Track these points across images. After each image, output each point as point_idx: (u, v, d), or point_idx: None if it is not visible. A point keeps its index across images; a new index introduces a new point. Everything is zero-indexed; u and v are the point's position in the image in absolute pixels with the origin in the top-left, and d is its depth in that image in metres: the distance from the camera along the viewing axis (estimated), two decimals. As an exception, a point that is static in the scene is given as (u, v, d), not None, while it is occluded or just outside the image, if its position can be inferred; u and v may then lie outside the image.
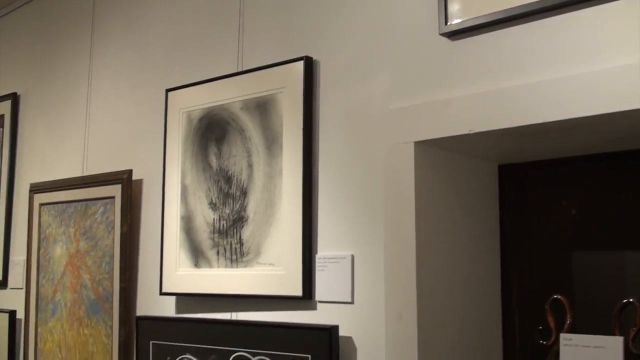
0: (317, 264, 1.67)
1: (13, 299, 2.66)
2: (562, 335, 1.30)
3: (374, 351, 1.54)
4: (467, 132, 1.41)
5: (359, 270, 1.60)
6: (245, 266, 1.80)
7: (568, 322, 1.34)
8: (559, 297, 1.36)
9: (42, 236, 2.51)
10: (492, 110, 1.38)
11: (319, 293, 1.66)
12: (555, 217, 1.62)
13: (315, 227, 1.69)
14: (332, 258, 1.64)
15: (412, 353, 1.44)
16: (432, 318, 1.49)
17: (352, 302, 1.60)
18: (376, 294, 1.55)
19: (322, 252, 1.67)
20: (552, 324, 1.36)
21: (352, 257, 1.61)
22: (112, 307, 2.17)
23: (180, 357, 1.90)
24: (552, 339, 1.35)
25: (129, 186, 2.16)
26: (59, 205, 2.45)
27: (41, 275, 2.49)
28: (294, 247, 1.70)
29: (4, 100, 2.85)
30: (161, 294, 2.00)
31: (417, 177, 1.49)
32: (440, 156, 1.56)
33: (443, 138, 1.47)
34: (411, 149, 1.50)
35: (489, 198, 1.71)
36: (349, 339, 1.58)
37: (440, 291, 1.52)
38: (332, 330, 1.57)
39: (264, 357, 1.70)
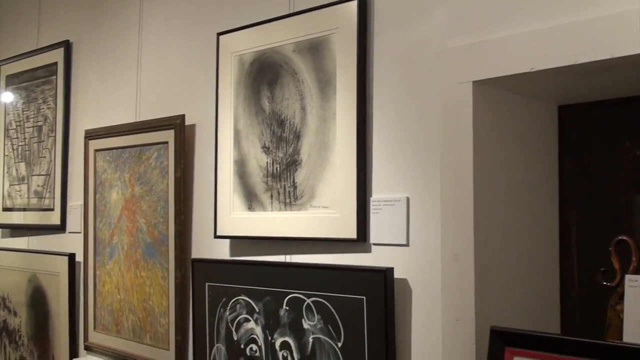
0: (371, 207, 1.66)
1: (72, 242, 2.74)
2: (627, 277, 1.27)
3: (430, 293, 1.54)
4: (528, 70, 1.37)
5: (414, 212, 1.59)
6: (299, 209, 1.81)
7: (633, 263, 1.31)
8: (625, 238, 1.33)
9: (98, 181, 2.56)
10: (555, 47, 1.33)
11: (374, 236, 1.66)
12: (617, 158, 1.57)
13: (370, 169, 1.68)
14: (387, 201, 1.63)
15: (468, 295, 1.44)
16: (489, 260, 1.47)
17: (407, 245, 1.59)
18: (432, 236, 1.54)
19: (377, 194, 1.66)
20: (616, 265, 1.33)
21: (408, 199, 1.60)
22: (167, 250, 2.21)
23: (235, 299, 1.94)
24: (617, 280, 1.33)
25: (181, 131, 2.18)
26: (114, 151, 2.49)
27: (98, 220, 2.56)
28: (348, 190, 1.69)
29: (56, 48, 2.88)
30: (215, 237, 2.03)
31: (475, 118, 1.47)
32: (499, 96, 1.52)
33: (503, 77, 1.43)
34: (469, 88, 1.47)
35: (548, 139, 1.66)
36: (404, 281, 1.59)
37: (497, 233, 1.50)
38: (387, 272, 1.57)
39: (318, 299, 1.71)
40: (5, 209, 3.14)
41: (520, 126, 1.59)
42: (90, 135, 2.60)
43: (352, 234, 1.68)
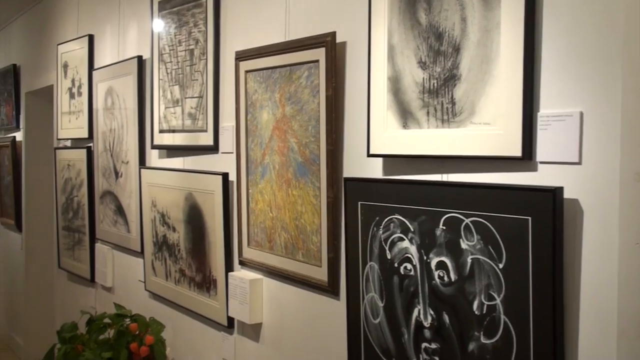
0: (539, 123, 1.55)
1: (224, 162, 2.83)
2: None
3: (604, 215, 1.43)
4: None
5: (588, 128, 1.46)
6: (457, 126, 1.73)
7: None
8: None
9: (249, 102, 2.60)
10: None
11: (541, 153, 1.56)
12: None
13: (538, 83, 1.57)
14: (556, 116, 1.52)
15: (652, 216, 1.32)
16: (676, 180, 1.34)
17: (579, 163, 1.48)
18: (608, 154, 1.42)
19: (545, 109, 1.55)
20: None
21: (581, 113, 1.47)
22: (319, 169, 2.22)
23: (388, 217, 1.92)
24: None
25: (332, 49, 2.14)
26: (264, 71, 2.50)
27: (250, 140, 2.61)
28: (512, 105, 1.59)
29: (206, -29, 2.91)
30: (369, 155, 2.00)
31: (666, 21, 1.31)
32: (695, -5, 1.35)
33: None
34: (661, -13, 1.31)
35: None
36: (574, 202, 1.49)
37: (687, 150, 1.36)
38: (557, 191, 1.47)
39: (478, 219, 1.65)
40: (162, 131, 3.30)
41: None
42: (241, 56, 2.63)
43: (516, 151, 1.59)
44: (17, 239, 6.19)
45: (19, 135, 6.08)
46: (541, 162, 1.56)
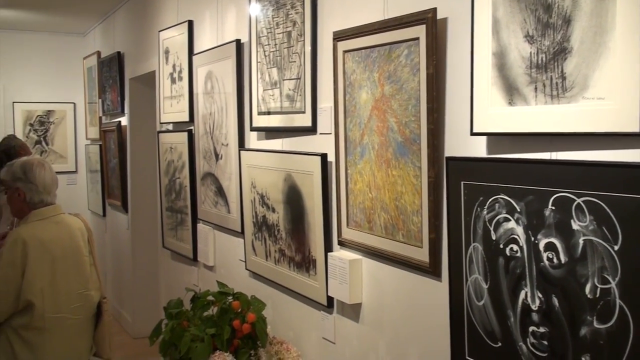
0: (659, 96, 1.47)
1: (323, 143, 2.84)
2: None
3: None
4: None
5: None
6: (568, 102, 1.66)
7: None
8: None
9: (347, 82, 2.59)
10: None
11: (661, 129, 1.47)
12: None
13: (658, 53, 1.47)
14: (679, 88, 1.42)
15: None
16: None
17: None
18: None
19: (667, 82, 1.46)
20: None
21: None
22: (419, 149, 2.19)
23: (493, 197, 1.87)
24: None
25: (433, 26, 2.09)
26: (363, 51, 2.48)
27: (348, 120, 2.60)
28: (630, 78, 1.50)
29: (302, -48, 2.91)
30: (472, 134, 1.95)
31: None
32: None
33: None
34: None
35: None
36: (699, 180, 1.39)
37: None
38: (680, 169, 1.39)
39: (591, 198, 1.58)
40: (261, 113, 3.35)
41: None
42: (339, 36, 2.62)
43: (634, 127, 1.50)
44: (124, 220, 6.48)
45: (124, 120, 6.34)
46: (662, 138, 1.47)
